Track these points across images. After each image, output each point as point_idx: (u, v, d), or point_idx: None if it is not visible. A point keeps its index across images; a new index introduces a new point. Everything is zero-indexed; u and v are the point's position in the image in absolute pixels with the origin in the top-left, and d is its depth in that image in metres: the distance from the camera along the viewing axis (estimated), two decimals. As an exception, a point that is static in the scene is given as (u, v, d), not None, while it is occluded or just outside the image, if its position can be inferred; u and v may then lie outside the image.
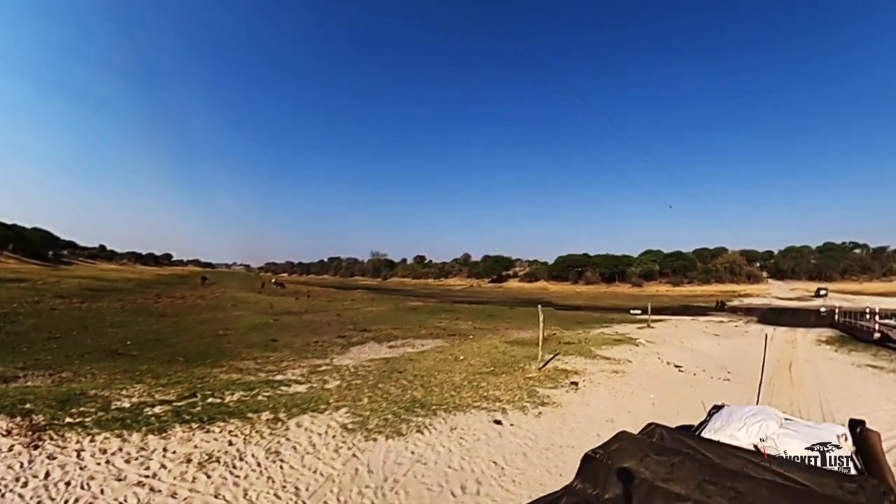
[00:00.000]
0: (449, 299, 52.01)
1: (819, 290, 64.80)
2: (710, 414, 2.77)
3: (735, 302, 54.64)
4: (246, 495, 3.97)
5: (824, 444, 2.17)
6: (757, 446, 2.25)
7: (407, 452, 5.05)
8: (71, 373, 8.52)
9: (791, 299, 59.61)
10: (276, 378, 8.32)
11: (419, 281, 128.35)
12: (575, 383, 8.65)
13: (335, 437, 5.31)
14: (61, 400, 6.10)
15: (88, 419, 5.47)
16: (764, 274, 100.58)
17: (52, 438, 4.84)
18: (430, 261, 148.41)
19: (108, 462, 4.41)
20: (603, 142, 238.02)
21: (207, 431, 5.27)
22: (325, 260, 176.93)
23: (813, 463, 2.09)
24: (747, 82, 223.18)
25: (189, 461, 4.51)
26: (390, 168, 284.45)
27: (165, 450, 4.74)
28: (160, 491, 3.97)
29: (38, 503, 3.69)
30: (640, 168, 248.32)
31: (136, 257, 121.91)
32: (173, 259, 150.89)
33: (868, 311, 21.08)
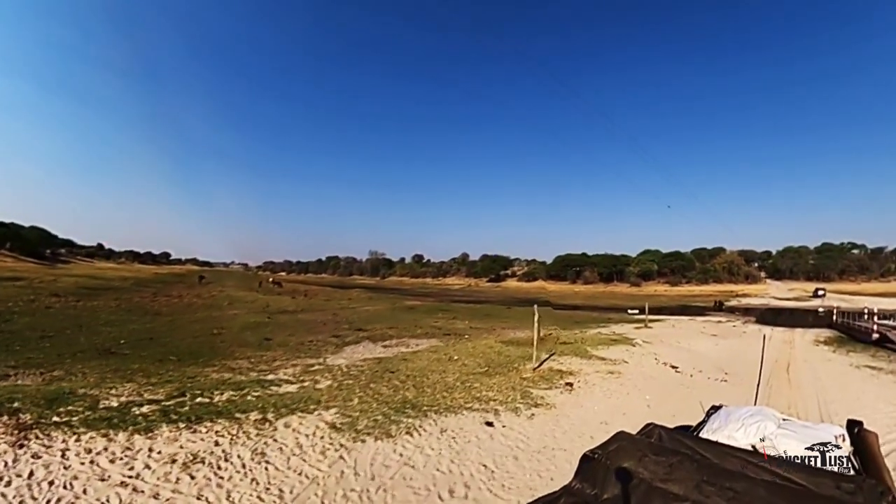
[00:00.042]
0: (447, 298, 52.01)
1: (817, 290, 64.93)
2: (709, 414, 2.76)
3: (733, 302, 54.74)
4: (229, 497, 3.91)
5: (824, 445, 2.16)
6: (755, 447, 2.24)
7: (395, 455, 4.97)
8: (62, 371, 8.46)
9: (789, 299, 59.69)
10: (268, 378, 8.25)
11: (417, 280, 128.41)
12: (570, 384, 8.58)
13: (323, 439, 5.24)
14: (49, 399, 6.05)
15: (75, 418, 5.43)
16: (762, 274, 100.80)
17: (37, 438, 4.80)
18: (429, 260, 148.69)
19: (92, 462, 4.37)
20: (602, 141, 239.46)
21: (194, 431, 5.20)
22: (324, 259, 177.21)
23: (813, 463, 2.07)
24: (747, 82, 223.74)
25: (174, 461, 4.45)
26: (390, 167, 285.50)
27: (151, 450, 4.68)
28: (143, 491, 3.92)
29: (21, 503, 3.64)
30: (639, 167, 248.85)
31: (134, 256, 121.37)
32: (171, 258, 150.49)
33: (866, 311, 21.06)
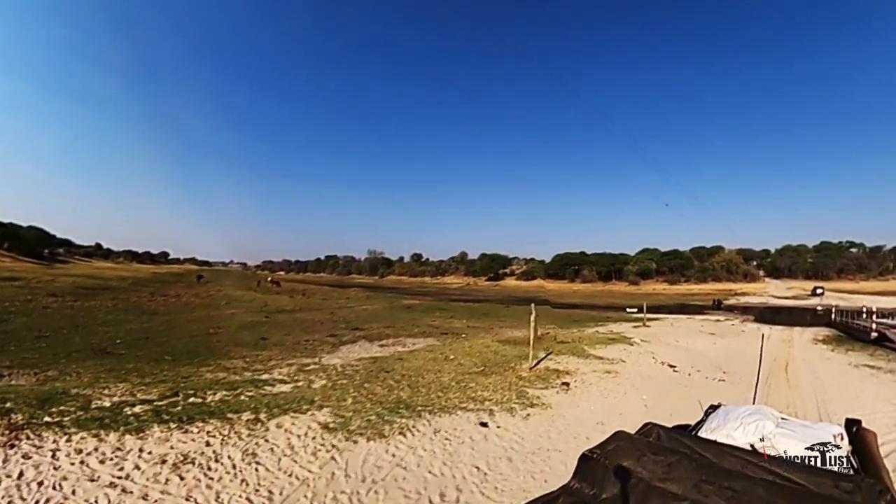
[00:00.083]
0: (445, 297, 52.02)
1: (815, 288, 65.03)
2: (707, 413, 2.75)
3: (732, 301, 54.79)
4: (218, 498, 3.88)
5: (824, 444, 2.15)
6: (754, 446, 2.23)
7: (388, 455, 4.94)
8: (57, 371, 8.42)
9: (788, 298, 59.81)
10: (262, 377, 8.21)
11: (416, 279, 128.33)
12: (566, 384, 8.55)
13: (314, 439, 5.20)
14: (42, 399, 6.03)
15: (67, 418, 5.41)
16: (761, 273, 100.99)
17: (28, 438, 4.77)
18: (427, 259, 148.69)
19: (82, 462, 4.34)
20: (602, 141, 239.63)
21: (185, 432, 5.17)
22: (323, 258, 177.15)
23: (813, 463, 2.06)
24: (747, 82, 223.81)
25: (164, 462, 4.42)
26: (389, 167, 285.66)
27: (141, 450, 4.66)
28: (132, 492, 3.90)
29: (9, 503, 3.62)
30: (639, 167, 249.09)
31: (132, 256, 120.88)
32: (170, 257, 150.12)
33: (865, 310, 21.10)
